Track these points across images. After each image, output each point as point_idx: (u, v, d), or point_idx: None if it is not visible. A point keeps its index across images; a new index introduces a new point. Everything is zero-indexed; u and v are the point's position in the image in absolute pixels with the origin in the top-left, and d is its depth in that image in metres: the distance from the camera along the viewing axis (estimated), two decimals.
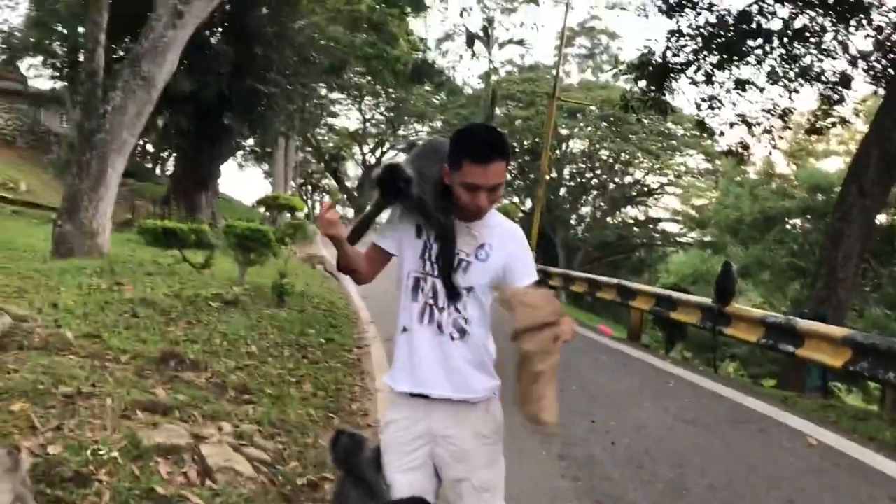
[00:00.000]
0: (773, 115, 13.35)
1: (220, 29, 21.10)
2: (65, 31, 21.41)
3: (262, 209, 38.37)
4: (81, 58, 21.87)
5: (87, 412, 3.97)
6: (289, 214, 30.44)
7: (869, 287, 26.87)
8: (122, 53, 19.57)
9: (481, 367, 2.35)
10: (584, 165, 47.92)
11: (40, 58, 22.36)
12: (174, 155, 27.19)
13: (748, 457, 4.78)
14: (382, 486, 2.32)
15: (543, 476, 4.32)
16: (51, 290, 7.68)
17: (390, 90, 51.59)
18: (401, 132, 65.37)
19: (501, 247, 2.33)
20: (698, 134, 14.31)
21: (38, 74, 24.18)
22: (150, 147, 38.63)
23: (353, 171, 75.42)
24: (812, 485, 4.27)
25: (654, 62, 12.71)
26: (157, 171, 46.16)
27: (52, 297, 7.21)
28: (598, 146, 45.03)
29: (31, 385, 4.11)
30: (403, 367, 2.39)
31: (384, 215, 2.56)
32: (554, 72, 29.91)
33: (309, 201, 70.87)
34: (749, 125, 13.48)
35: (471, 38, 37.60)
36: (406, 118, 61.72)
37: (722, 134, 13.93)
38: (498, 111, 46.22)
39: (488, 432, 2.35)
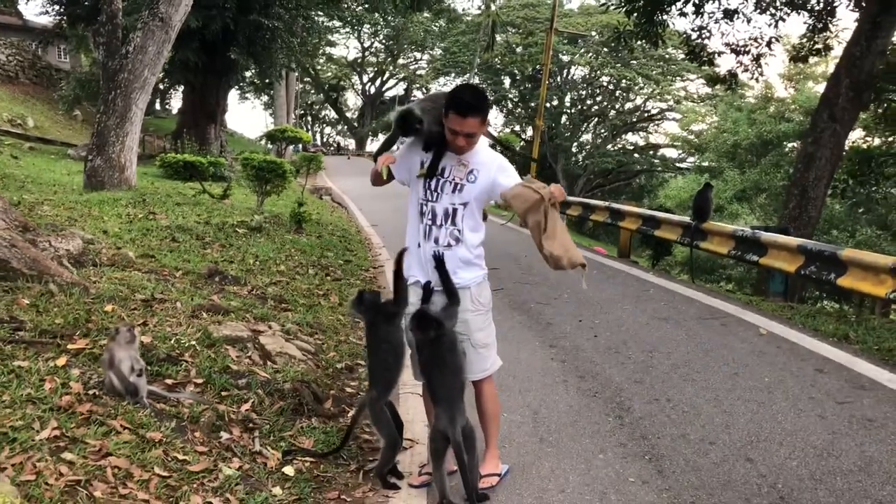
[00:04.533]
0: (760, 42, 13.92)
1: None
2: None
3: (263, 141, 38.85)
4: None
5: (164, 313, 4.88)
6: (290, 146, 31.02)
7: (861, 209, 27.67)
8: None
9: (470, 264, 3.27)
10: (584, 92, 48.00)
11: None
12: (181, 90, 27.58)
13: (706, 343, 5.72)
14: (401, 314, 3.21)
15: (537, 360, 5.27)
16: (95, 219, 8.52)
17: (389, 18, 51.31)
18: (400, 61, 65.05)
19: (486, 169, 3.22)
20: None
21: (43, 12, 24.28)
22: None
23: (352, 101, 75.30)
24: (754, 362, 5.21)
25: None
26: (157, 105, 46.38)
27: (100, 224, 8.08)
28: (598, 72, 45.05)
29: (113, 292, 5.02)
30: (416, 269, 3.29)
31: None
32: None
33: (309, 132, 70.80)
34: (737, 52, 14.07)
35: None
36: (405, 46, 61.41)
37: (711, 63, 14.49)
38: (498, 38, 46.13)
39: (479, 306, 3.27)
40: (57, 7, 22.07)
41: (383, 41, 62.14)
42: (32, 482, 2.52)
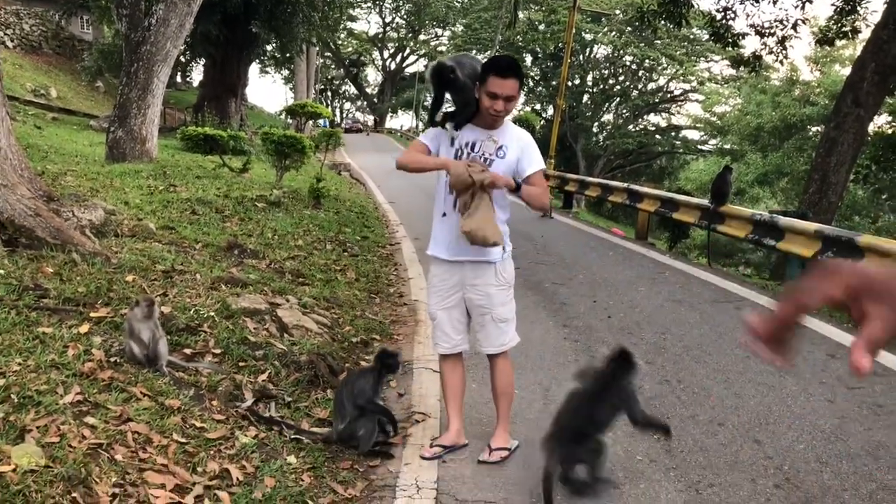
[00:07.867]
0: (785, 25, 13.73)
1: None
2: None
3: (283, 116, 38.86)
4: None
5: (183, 284, 4.97)
6: (311, 122, 30.98)
7: (885, 195, 27.33)
8: None
9: None
10: (607, 72, 47.48)
11: None
12: (203, 63, 27.66)
13: (719, 326, 5.74)
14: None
15: (551, 339, 5.32)
16: (117, 190, 8.62)
17: None
18: (422, 37, 64.72)
19: (515, 146, 3.24)
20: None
21: None
22: None
23: (373, 76, 75.10)
24: None
25: None
26: (178, 78, 46.44)
27: (121, 196, 8.18)
28: (621, 52, 44.50)
29: (135, 262, 5.11)
30: (442, 241, 3.34)
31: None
32: None
33: (329, 107, 70.62)
34: (761, 34, 13.89)
35: None
36: (427, 22, 61.03)
37: (736, 45, 14.32)
38: (521, 15, 45.65)
39: (502, 281, 3.32)
40: None
41: (405, 16, 61.80)
42: (56, 444, 2.61)
